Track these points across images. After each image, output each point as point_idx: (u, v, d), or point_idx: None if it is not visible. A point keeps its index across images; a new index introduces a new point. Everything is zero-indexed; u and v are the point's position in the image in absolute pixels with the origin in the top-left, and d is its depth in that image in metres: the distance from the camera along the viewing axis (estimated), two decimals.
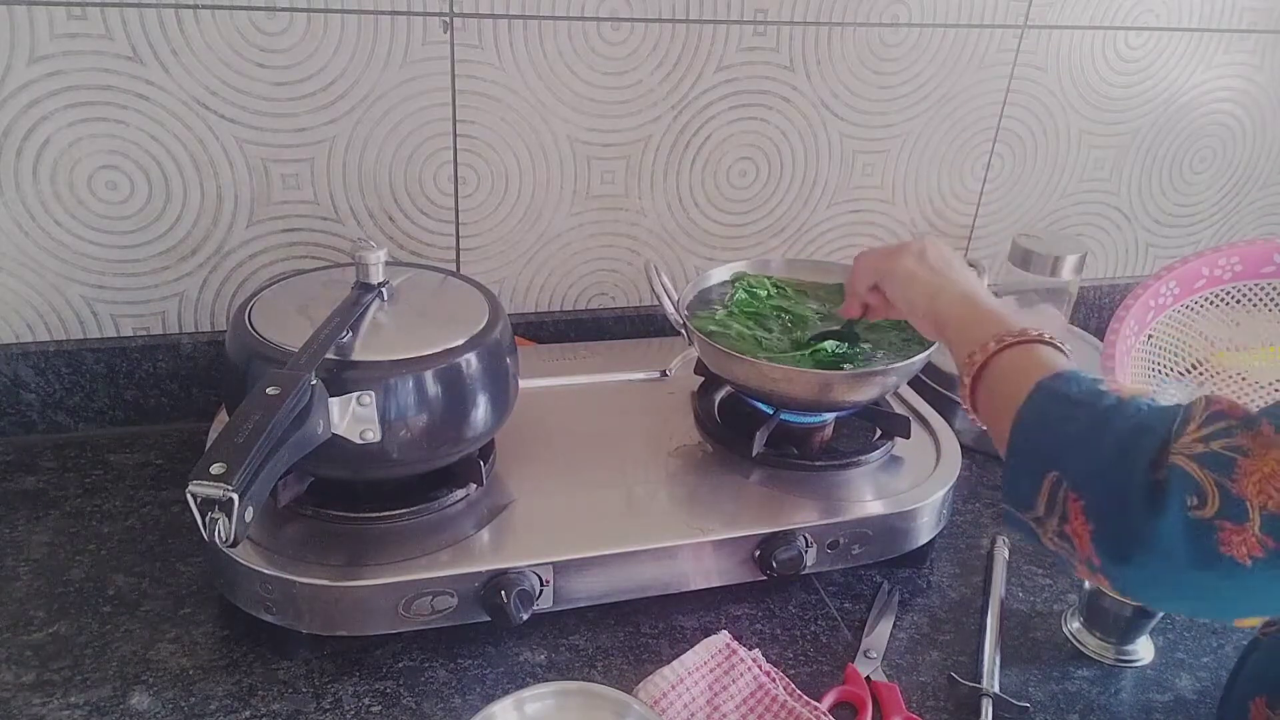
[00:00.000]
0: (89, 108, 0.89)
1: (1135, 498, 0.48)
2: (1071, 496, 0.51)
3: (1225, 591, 0.48)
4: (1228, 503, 0.46)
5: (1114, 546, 0.49)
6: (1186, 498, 0.47)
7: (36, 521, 0.87)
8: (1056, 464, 0.53)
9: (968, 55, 1.14)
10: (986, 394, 0.63)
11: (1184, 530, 0.47)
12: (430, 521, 0.78)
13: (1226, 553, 0.46)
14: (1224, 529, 0.46)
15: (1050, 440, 0.54)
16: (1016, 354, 0.62)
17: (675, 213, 1.13)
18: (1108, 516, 0.50)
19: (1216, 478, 0.47)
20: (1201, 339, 1.09)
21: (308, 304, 0.76)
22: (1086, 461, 0.52)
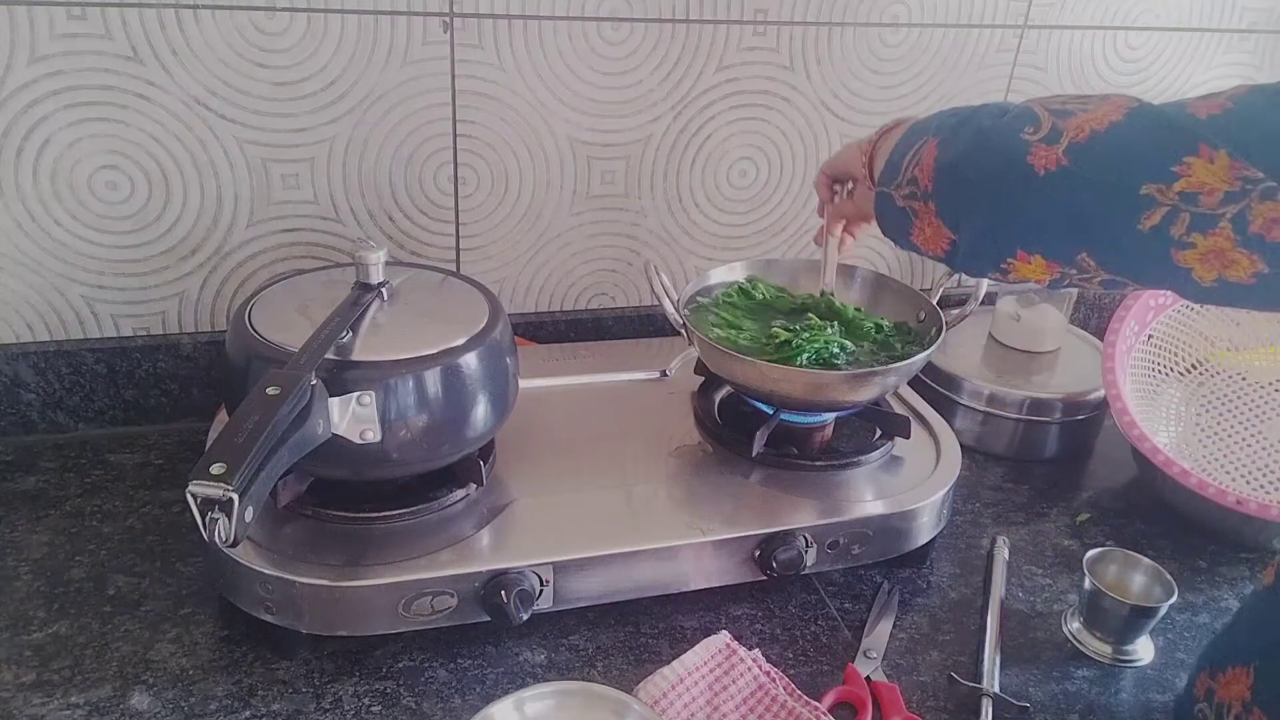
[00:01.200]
0: (89, 108, 0.89)
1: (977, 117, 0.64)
2: (931, 142, 0.67)
3: (1014, 188, 0.61)
4: (1052, 131, 0.59)
5: (946, 148, 0.66)
6: (1025, 126, 0.60)
7: (36, 521, 0.87)
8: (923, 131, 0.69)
9: (968, 55, 1.14)
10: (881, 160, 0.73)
11: (1007, 141, 0.61)
12: (430, 521, 0.78)
13: (1030, 162, 0.59)
14: (1036, 148, 0.59)
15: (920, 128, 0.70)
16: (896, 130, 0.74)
17: (675, 213, 1.13)
18: (951, 133, 0.65)
19: (1055, 118, 0.60)
20: (1201, 339, 1.10)
21: (308, 304, 0.76)
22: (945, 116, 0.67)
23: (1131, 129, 0.56)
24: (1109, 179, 0.56)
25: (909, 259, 1.26)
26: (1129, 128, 0.56)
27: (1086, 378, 1.11)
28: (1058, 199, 0.58)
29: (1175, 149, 0.54)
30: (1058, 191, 0.58)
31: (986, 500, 1.01)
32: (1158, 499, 1.01)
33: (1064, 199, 0.58)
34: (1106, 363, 1.01)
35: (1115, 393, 0.99)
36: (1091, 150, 0.57)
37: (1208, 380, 1.09)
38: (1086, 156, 0.57)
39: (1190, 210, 0.53)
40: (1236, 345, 1.09)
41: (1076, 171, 0.57)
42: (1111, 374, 1.00)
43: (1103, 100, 0.59)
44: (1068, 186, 0.58)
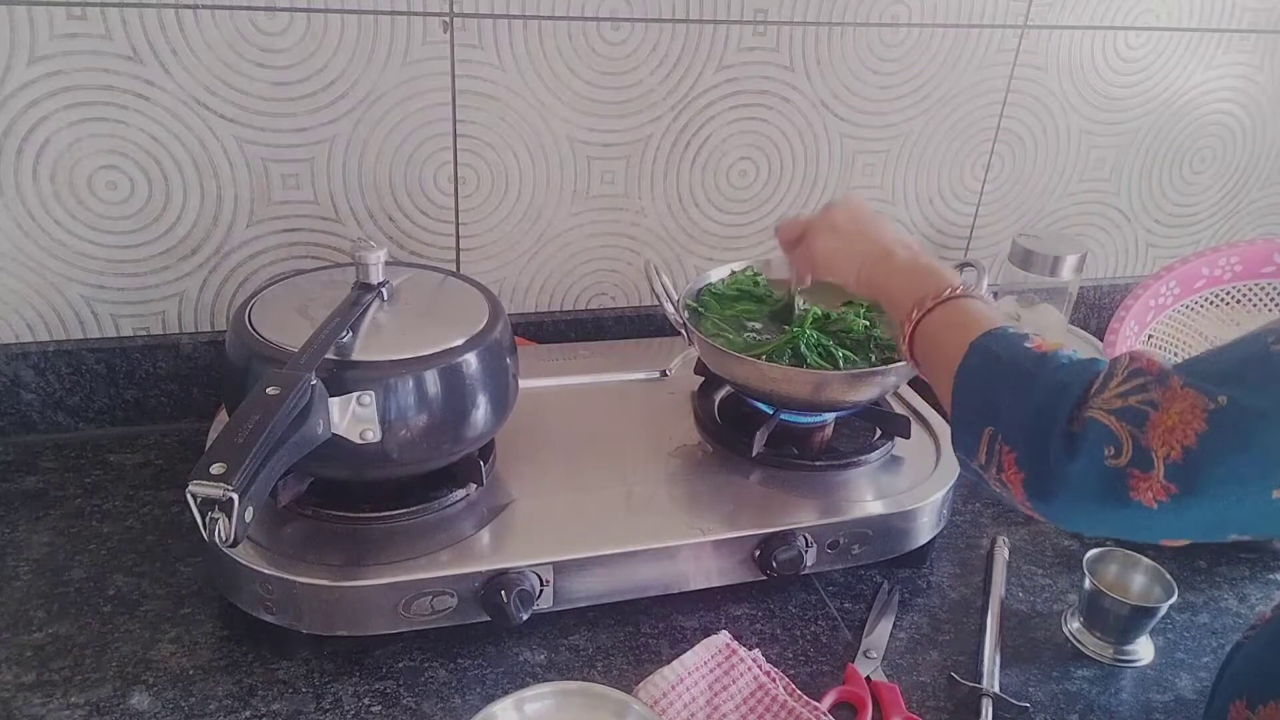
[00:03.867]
0: (89, 108, 0.89)
1: (1055, 448, 0.54)
2: (1005, 449, 0.58)
3: (1138, 526, 0.54)
4: (1138, 453, 0.51)
5: (1039, 489, 0.56)
6: (1104, 448, 0.52)
7: (36, 521, 0.87)
8: (991, 420, 0.59)
9: (968, 55, 1.14)
10: (924, 356, 0.69)
11: (1099, 476, 0.53)
12: (430, 521, 0.78)
13: (1135, 498, 0.52)
14: (1134, 476, 0.51)
15: (985, 398, 0.60)
16: (943, 313, 0.68)
17: (675, 213, 1.13)
18: (1034, 465, 0.56)
19: (1131, 429, 0.52)
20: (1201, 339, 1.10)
21: (308, 304, 0.76)
22: (1016, 418, 0.58)
23: (1231, 439, 0.49)
24: (1234, 495, 0.50)
25: None
26: (1226, 438, 0.49)
27: None
28: (1183, 523, 0.52)
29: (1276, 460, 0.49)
30: (1179, 520, 0.52)
31: (986, 500, 1.01)
32: None
33: (1190, 523, 0.52)
34: None
35: None
36: (1198, 474, 0.50)
37: None
38: (1196, 481, 0.50)
39: None
40: None
41: (1191, 498, 0.50)
42: None
43: (1160, 385, 0.52)
44: (1188, 514, 0.51)
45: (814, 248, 0.81)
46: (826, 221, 0.81)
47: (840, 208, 0.81)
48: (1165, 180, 1.33)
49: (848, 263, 0.78)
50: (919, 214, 1.23)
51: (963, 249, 1.28)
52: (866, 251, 0.77)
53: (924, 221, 1.24)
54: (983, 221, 1.27)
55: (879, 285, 0.75)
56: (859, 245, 0.78)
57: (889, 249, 0.76)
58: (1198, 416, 0.50)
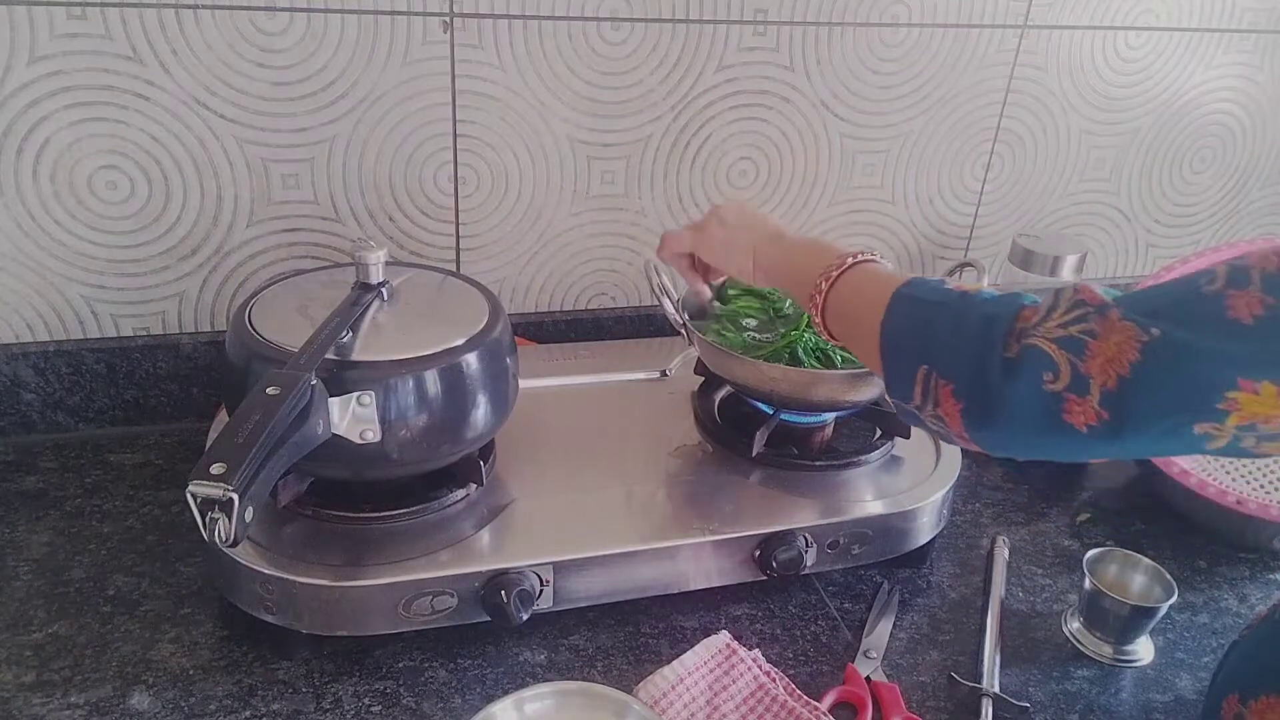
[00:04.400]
0: (89, 108, 0.89)
1: (993, 375, 0.56)
2: (941, 383, 0.59)
3: (1068, 450, 0.56)
4: (1075, 379, 0.53)
5: (977, 416, 0.58)
6: (1043, 374, 0.54)
7: (36, 521, 0.87)
8: (925, 359, 0.61)
9: (968, 55, 1.14)
10: (839, 324, 0.70)
11: (1036, 401, 0.55)
12: (430, 521, 0.78)
13: (1068, 420, 0.54)
14: (1069, 400, 0.54)
15: (916, 340, 0.62)
16: (851, 278, 0.69)
17: (675, 213, 1.13)
18: (972, 393, 0.58)
19: (1070, 357, 0.54)
20: None
21: (308, 304, 0.76)
22: (950, 352, 0.59)
23: (1159, 370, 0.51)
24: (1160, 426, 0.52)
25: (909, 259, 1.26)
26: (1156, 369, 0.51)
27: None
28: (1113, 449, 0.55)
29: (1211, 391, 0.50)
30: (1109, 446, 0.54)
31: (986, 500, 1.01)
32: (1158, 499, 1.01)
33: (1119, 449, 0.55)
34: None
35: None
36: (1128, 402, 0.52)
37: None
38: (1126, 409, 0.52)
39: (1255, 434, 0.51)
40: None
41: (1122, 426, 0.53)
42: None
43: (1100, 316, 0.54)
44: (1118, 441, 0.54)
45: (706, 242, 0.82)
46: (714, 218, 0.82)
47: (725, 207, 0.83)
48: (1165, 180, 1.33)
49: (743, 251, 0.79)
50: (919, 214, 1.23)
51: (963, 249, 1.28)
52: (758, 237, 0.78)
53: (924, 221, 1.24)
54: (983, 221, 1.27)
55: (777, 266, 0.76)
56: (749, 233, 0.79)
57: (779, 231, 0.78)
58: (1132, 347, 0.52)
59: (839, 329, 0.70)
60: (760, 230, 0.79)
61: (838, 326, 0.70)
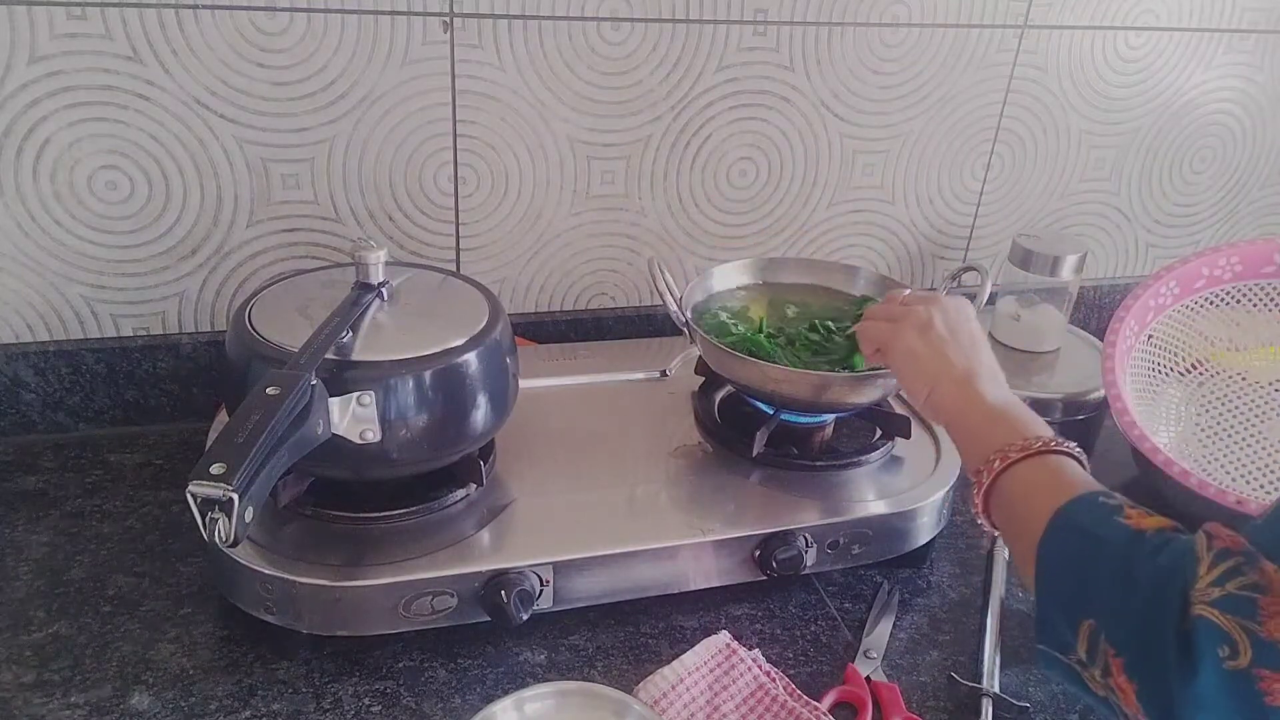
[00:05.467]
0: (89, 108, 0.89)
1: (1170, 658, 0.46)
2: (1110, 651, 0.49)
3: None
4: (1260, 649, 0.44)
5: (1159, 706, 0.47)
6: (1218, 649, 0.44)
7: (36, 521, 0.87)
8: (1089, 611, 0.51)
9: (968, 55, 1.14)
10: (1000, 512, 0.62)
11: (1224, 685, 0.44)
12: (430, 521, 0.78)
13: (1273, 704, 0.43)
14: (1263, 677, 0.43)
15: (1078, 585, 0.52)
16: (1027, 470, 0.60)
17: (675, 213, 1.13)
18: (1148, 677, 0.47)
19: (1242, 622, 0.44)
20: (1201, 339, 1.09)
21: (308, 304, 0.76)
22: (1118, 616, 0.49)
23: None
24: None
25: (909, 259, 1.26)
26: None
27: (1086, 378, 1.11)
28: None
29: None
30: None
31: None
32: (1158, 499, 1.01)
33: None
34: (1106, 363, 1.01)
35: (1115, 393, 0.99)
36: None
37: (1208, 380, 1.09)
38: None
39: None
40: (1236, 345, 1.09)
41: None
42: (1111, 374, 1.00)
43: (1253, 567, 0.45)
44: None
45: (895, 342, 0.74)
46: (919, 319, 0.73)
47: (940, 307, 0.74)
48: (1165, 180, 1.33)
49: (923, 376, 0.71)
50: (919, 214, 1.23)
51: (963, 249, 1.28)
52: (946, 370, 0.70)
53: (924, 221, 1.24)
54: (983, 221, 1.27)
55: (952, 414, 0.68)
56: (942, 361, 0.70)
57: (973, 373, 0.69)
58: None
59: (1000, 524, 0.62)
60: (951, 365, 0.70)
61: (999, 520, 0.62)
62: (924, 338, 0.72)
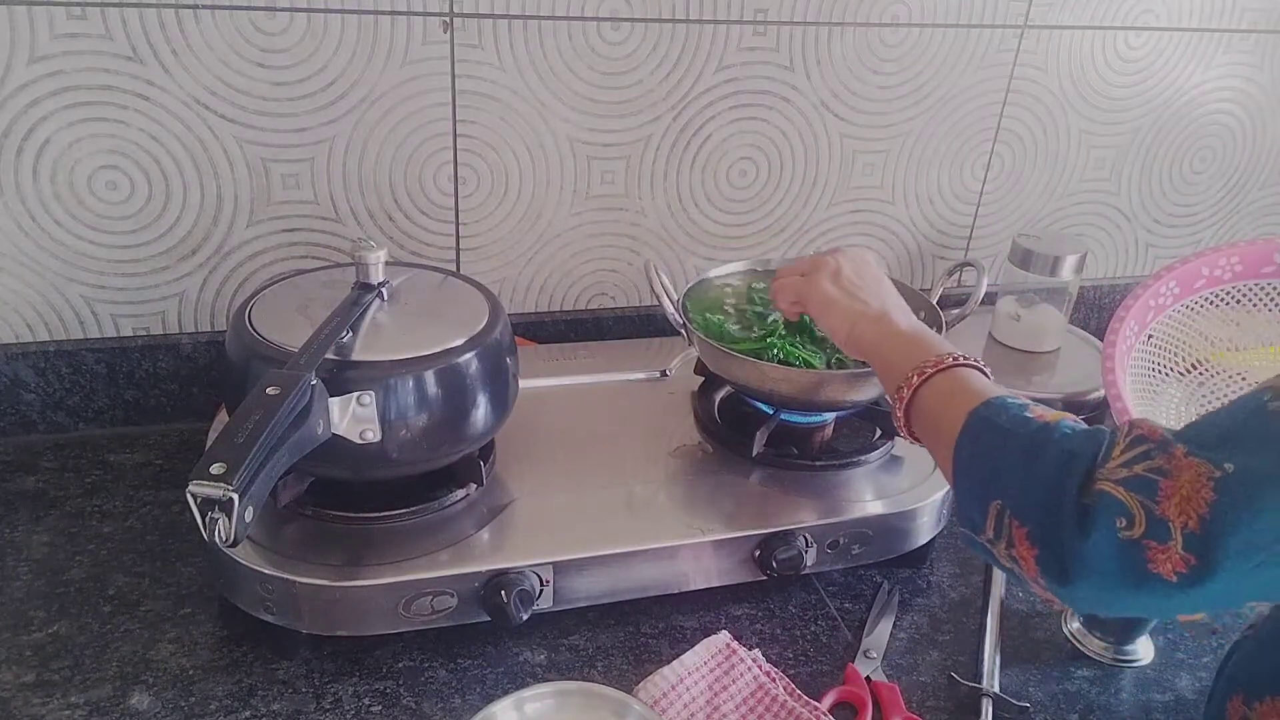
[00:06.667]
0: (89, 108, 0.89)
1: (1068, 523, 0.51)
2: (1015, 523, 0.55)
3: (1157, 604, 0.51)
4: (1153, 523, 0.49)
5: (1055, 569, 0.52)
6: (1116, 520, 0.50)
7: (36, 521, 0.87)
8: (998, 493, 0.56)
9: (968, 55, 1.14)
10: (920, 422, 0.67)
11: (1115, 551, 0.50)
12: (430, 521, 0.78)
13: (1154, 570, 0.49)
14: (1150, 548, 0.49)
15: (989, 470, 0.58)
16: (940, 381, 0.65)
17: (675, 213, 1.13)
18: (1047, 542, 0.53)
19: (1142, 499, 0.50)
20: (1201, 339, 1.09)
21: (308, 304, 0.76)
22: (1023, 491, 0.55)
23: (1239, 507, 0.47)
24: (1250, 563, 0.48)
25: (909, 259, 1.26)
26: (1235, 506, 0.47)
27: (1086, 378, 1.11)
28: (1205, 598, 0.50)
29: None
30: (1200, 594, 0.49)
31: None
32: None
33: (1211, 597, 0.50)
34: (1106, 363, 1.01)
35: (1115, 393, 0.98)
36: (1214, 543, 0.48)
37: (1208, 380, 1.09)
38: (1213, 551, 0.48)
39: None
40: (1236, 345, 1.09)
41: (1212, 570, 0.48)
42: (1111, 374, 1.00)
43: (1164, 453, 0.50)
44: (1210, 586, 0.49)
45: (811, 291, 0.79)
46: (830, 268, 0.79)
47: (846, 258, 0.80)
48: (1165, 180, 1.33)
49: (842, 316, 0.76)
50: (919, 214, 1.23)
51: (963, 249, 1.28)
52: (863, 309, 0.75)
53: (924, 221, 1.24)
54: (983, 221, 1.27)
55: (871, 345, 0.73)
56: (856, 302, 0.76)
57: (886, 310, 0.74)
58: (1205, 485, 0.48)
59: (920, 433, 0.67)
60: (867, 305, 0.75)
61: (919, 429, 0.67)
62: (837, 284, 0.78)
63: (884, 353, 0.72)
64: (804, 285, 0.81)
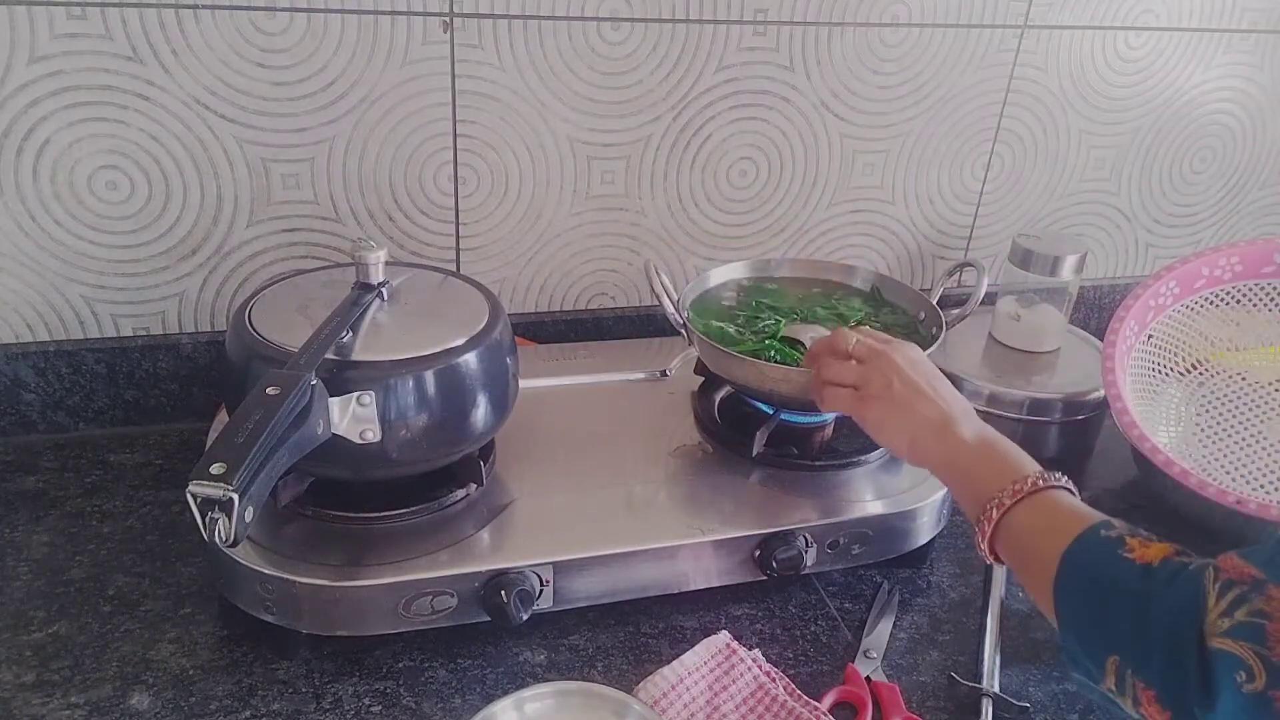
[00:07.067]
0: (89, 108, 0.89)
1: (1193, 689, 0.49)
2: (1140, 685, 0.52)
3: None
4: (1273, 671, 0.47)
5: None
6: (1235, 675, 0.47)
7: (36, 521, 0.87)
8: (1113, 649, 0.54)
9: (968, 55, 1.14)
10: (1008, 552, 0.64)
11: (1243, 708, 0.47)
12: (430, 521, 0.78)
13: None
14: (1277, 698, 0.46)
15: (1098, 627, 0.56)
16: (1027, 512, 0.63)
17: (675, 213, 1.13)
18: (1178, 707, 0.50)
19: (1254, 648, 0.47)
20: (1201, 339, 1.09)
21: (308, 304, 0.76)
22: (1142, 654, 0.52)
23: None
24: None
25: (909, 259, 1.26)
26: None
27: (1086, 378, 1.11)
28: None
29: None
30: None
31: None
32: (1158, 499, 1.01)
33: None
34: (1106, 363, 1.01)
35: (1115, 393, 0.99)
36: None
37: (1208, 380, 1.09)
38: None
39: None
40: (1236, 345, 1.09)
41: None
42: (1111, 374, 1.00)
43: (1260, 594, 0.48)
44: None
45: (865, 409, 0.75)
46: (881, 385, 0.74)
47: (896, 363, 0.74)
48: (1165, 180, 1.33)
49: (899, 432, 0.72)
50: (919, 214, 1.23)
51: (963, 249, 1.28)
52: (920, 423, 0.71)
53: (924, 221, 1.24)
54: (983, 221, 1.27)
55: (938, 462, 0.70)
56: (912, 415, 0.72)
57: (949, 418, 0.70)
58: None
59: (1009, 562, 0.64)
60: (924, 417, 0.71)
61: (1007, 558, 0.64)
62: (889, 401, 0.73)
63: (954, 471, 0.69)
64: (855, 404, 0.76)
